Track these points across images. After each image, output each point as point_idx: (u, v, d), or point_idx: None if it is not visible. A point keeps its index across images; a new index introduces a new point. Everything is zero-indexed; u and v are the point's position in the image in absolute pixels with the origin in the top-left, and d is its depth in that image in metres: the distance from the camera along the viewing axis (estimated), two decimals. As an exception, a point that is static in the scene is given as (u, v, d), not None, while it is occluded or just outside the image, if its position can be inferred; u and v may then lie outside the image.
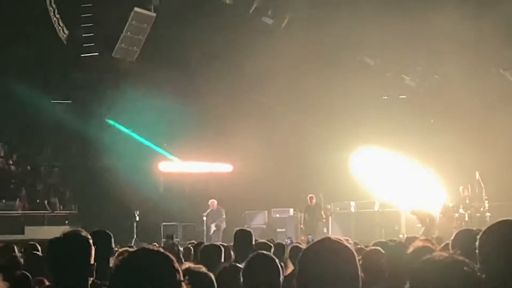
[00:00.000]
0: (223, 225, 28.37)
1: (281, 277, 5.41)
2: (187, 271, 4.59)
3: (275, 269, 5.38)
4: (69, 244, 5.07)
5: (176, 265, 3.42)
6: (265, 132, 31.15)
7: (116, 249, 12.27)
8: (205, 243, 9.72)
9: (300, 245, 9.23)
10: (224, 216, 28.37)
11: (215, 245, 9.14)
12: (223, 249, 8.76)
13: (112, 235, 7.12)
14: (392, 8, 27.12)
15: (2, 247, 11.70)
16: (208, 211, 28.39)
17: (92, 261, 5.07)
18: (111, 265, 6.92)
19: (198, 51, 30.76)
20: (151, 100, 30.19)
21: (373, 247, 7.98)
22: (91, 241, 5.16)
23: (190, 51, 30.44)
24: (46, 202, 30.69)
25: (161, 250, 3.53)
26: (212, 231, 28.14)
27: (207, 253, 8.56)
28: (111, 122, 32.78)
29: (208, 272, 4.79)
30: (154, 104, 30.31)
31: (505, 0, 26.09)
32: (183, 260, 9.16)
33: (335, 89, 30.21)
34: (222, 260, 8.62)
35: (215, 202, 28.52)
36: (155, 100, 30.07)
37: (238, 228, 10.12)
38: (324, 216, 27.44)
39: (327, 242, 3.69)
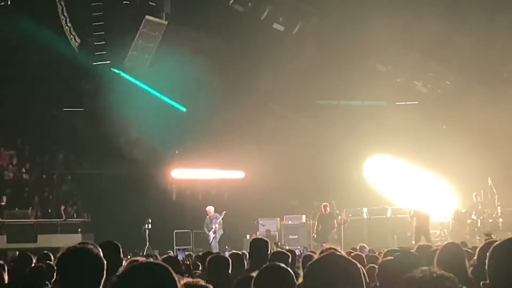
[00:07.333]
0: (221, 232, 28.45)
1: None
2: (186, 287, 4.59)
3: (289, 281, 5.22)
4: (81, 260, 5.07)
5: (175, 276, 3.48)
6: (277, 139, 31.13)
7: (129, 257, 12.33)
8: (213, 254, 9.68)
9: (312, 255, 9.15)
10: (221, 222, 28.39)
11: (222, 255, 9.12)
12: (230, 259, 8.74)
13: (120, 246, 7.13)
14: (403, 15, 27.12)
15: (20, 257, 11.72)
16: (206, 218, 28.51)
17: (103, 275, 5.08)
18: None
19: (210, 59, 30.80)
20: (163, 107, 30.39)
21: (387, 258, 7.95)
22: (101, 254, 5.17)
23: (202, 59, 30.46)
24: (60, 210, 30.78)
25: (160, 262, 3.59)
26: (211, 239, 28.20)
27: (215, 264, 8.56)
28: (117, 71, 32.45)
29: (208, 285, 4.76)
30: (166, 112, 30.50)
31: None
32: (192, 271, 9.17)
33: (347, 96, 30.21)
34: (230, 270, 8.61)
35: (212, 208, 28.55)
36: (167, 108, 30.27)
37: (255, 237, 10.05)
38: (336, 225, 27.37)
39: (332, 257, 3.69)
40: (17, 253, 21.02)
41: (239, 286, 6.56)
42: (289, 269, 5.24)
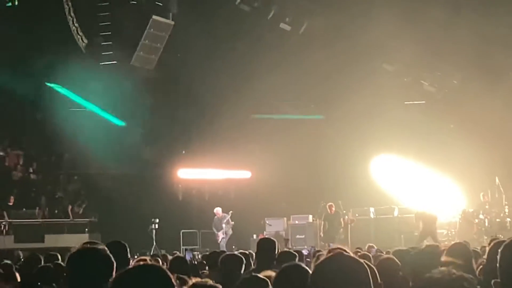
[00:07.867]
0: (230, 232, 28.68)
1: None
2: (194, 287, 4.57)
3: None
4: (91, 260, 5.09)
5: (171, 279, 3.49)
6: (283, 138, 31.12)
7: (135, 257, 12.34)
8: (226, 253, 9.67)
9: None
10: (230, 223, 28.67)
11: (235, 254, 9.09)
12: (243, 258, 8.73)
13: (127, 246, 7.12)
14: (410, 14, 27.06)
15: (30, 257, 11.75)
16: (214, 219, 28.71)
17: (112, 275, 5.08)
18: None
19: (216, 58, 30.80)
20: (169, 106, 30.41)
21: (387, 256, 7.95)
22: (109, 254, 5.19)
23: (208, 58, 30.47)
24: (67, 210, 30.81)
25: (156, 264, 3.60)
26: (220, 239, 28.41)
27: (227, 263, 8.54)
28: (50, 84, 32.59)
29: (216, 285, 4.74)
30: (171, 111, 30.52)
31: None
32: (200, 270, 9.16)
33: (354, 95, 30.11)
34: (243, 269, 8.59)
35: (220, 209, 28.85)
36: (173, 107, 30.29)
37: (262, 237, 10.00)
38: (343, 225, 27.38)
39: (339, 257, 3.68)
40: (20, 253, 21.02)
41: (242, 285, 6.52)
42: (308, 269, 5.23)
